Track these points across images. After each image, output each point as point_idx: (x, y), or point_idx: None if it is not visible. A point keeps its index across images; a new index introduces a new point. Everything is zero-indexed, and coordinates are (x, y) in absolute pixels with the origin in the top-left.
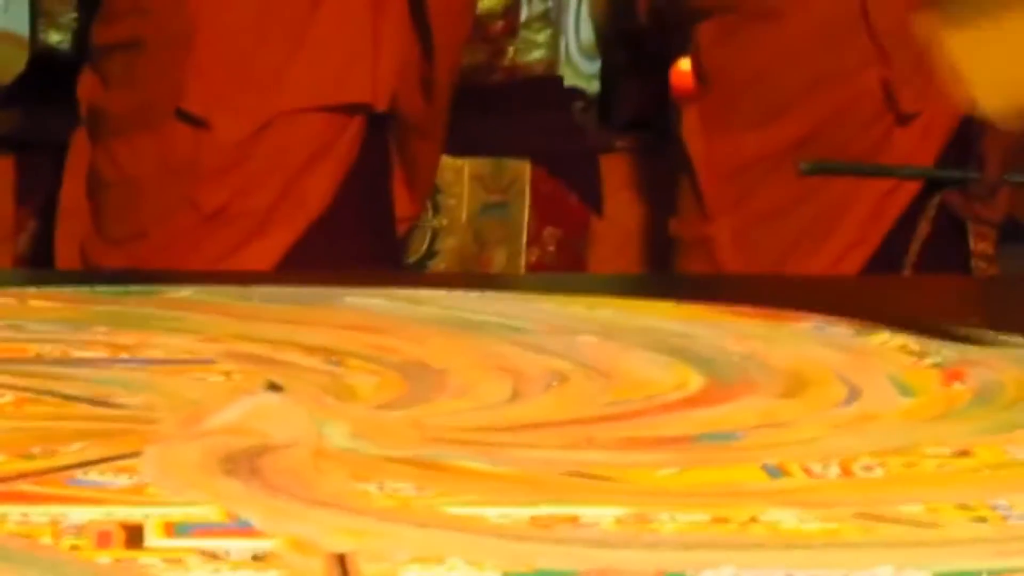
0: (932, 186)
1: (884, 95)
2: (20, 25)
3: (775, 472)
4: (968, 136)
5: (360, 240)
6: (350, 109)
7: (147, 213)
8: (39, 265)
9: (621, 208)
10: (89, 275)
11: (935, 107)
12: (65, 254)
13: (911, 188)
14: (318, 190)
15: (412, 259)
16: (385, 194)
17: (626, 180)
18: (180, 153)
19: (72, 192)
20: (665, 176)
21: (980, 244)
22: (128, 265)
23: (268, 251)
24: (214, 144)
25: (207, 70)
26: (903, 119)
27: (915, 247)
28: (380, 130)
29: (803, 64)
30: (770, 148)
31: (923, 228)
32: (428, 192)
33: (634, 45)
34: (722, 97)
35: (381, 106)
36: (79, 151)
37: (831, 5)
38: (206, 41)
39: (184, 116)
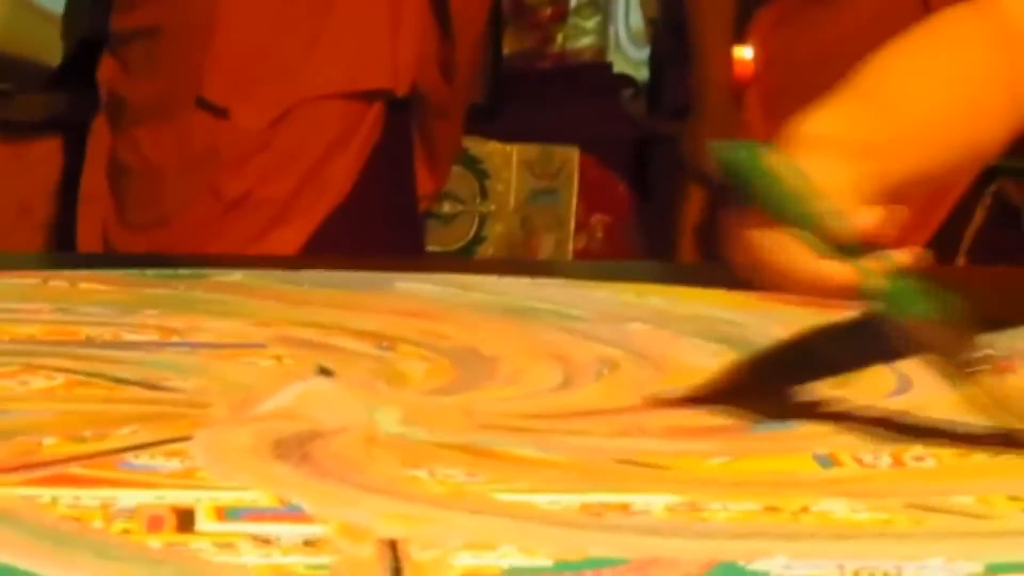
0: (989, 174)
1: None
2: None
3: (826, 462)
4: None
5: (382, 226)
6: (370, 95)
7: (169, 200)
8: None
9: (669, 195)
10: (138, 258)
11: None
12: (86, 240)
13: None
14: (339, 177)
15: (460, 244)
16: (407, 179)
17: (674, 167)
18: (201, 141)
19: (93, 178)
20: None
21: None
22: (150, 251)
23: (290, 238)
24: (235, 132)
25: (227, 58)
26: None
27: (970, 234)
28: (401, 114)
29: (864, 50)
30: None
31: (979, 216)
32: (448, 169)
33: (683, 32)
34: (782, 82)
35: (401, 91)
36: (99, 137)
37: None
38: (226, 29)
39: (204, 104)
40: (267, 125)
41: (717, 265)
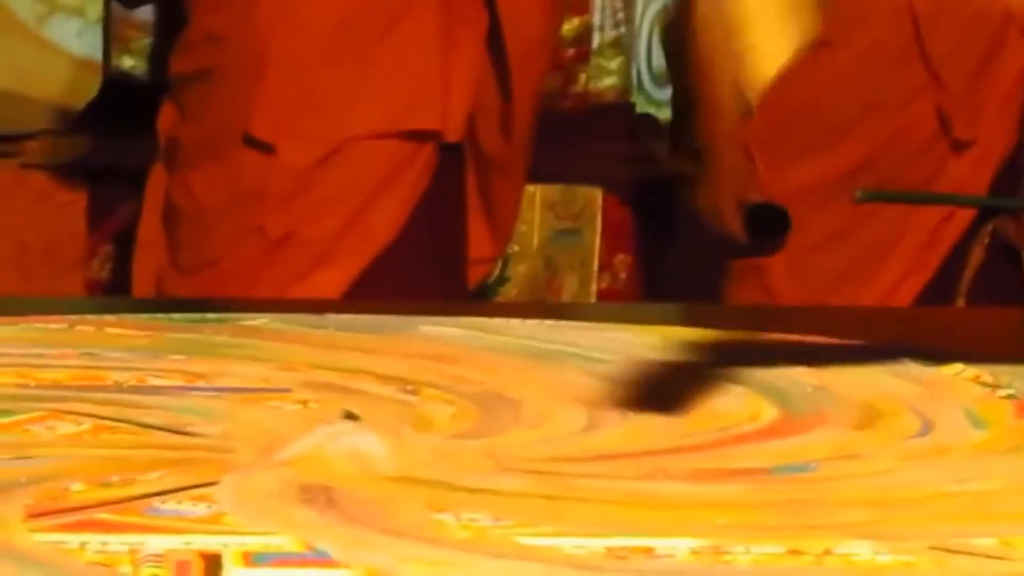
0: (985, 213)
1: (938, 122)
2: (93, 50)
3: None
4: (1022, 163)
5: (428, 272)
6: (420, 137)
7: (217, 241)
8: (115, 292)
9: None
10: (163, 303)
11: (989, 134)
12: (142, 287)
13: (965, 216)
14: (386, 219)
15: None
16: (456, 227)
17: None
18: (248, 180)
19: (150, 225)
20: None
21: None
22: (198, 293)
23: (334, 280)
24: (281, 170)
25: (275, 96)
26: (957, 146)
27: (969, 275)
28: (455, 163)
29: (856, 92)
30: (824, 176)
31: (976, 255)
32: (510, 234)
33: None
34: (774, 125)
35: (452, 136)
36: (156, 184)
37: (884, 32)
38: (275, 67)
39: (252, 142)
40: (314, 163)
41: (739, 307)
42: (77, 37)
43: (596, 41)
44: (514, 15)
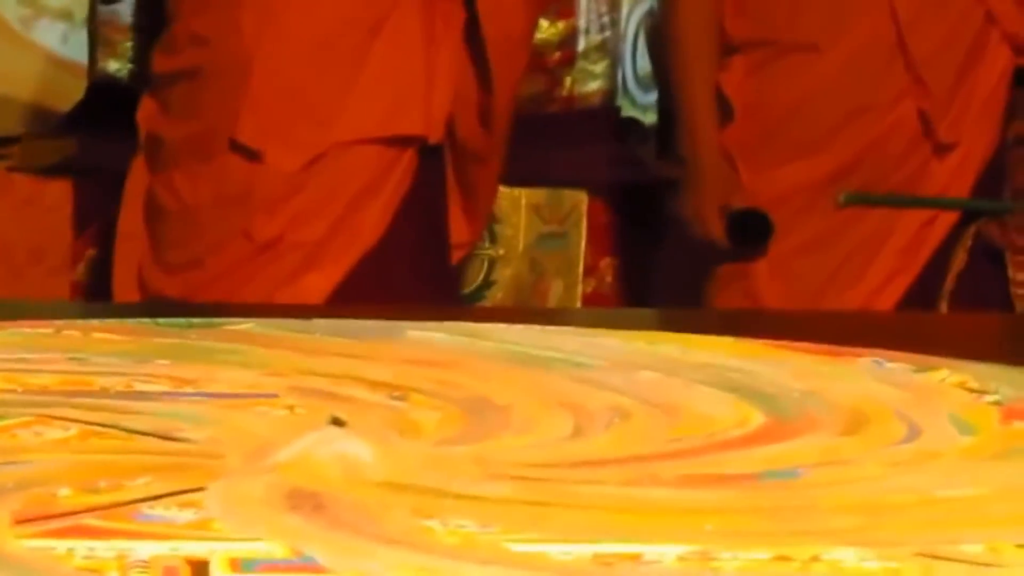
0: (969, 216)
1: (921, 126)
2: (79, 54)
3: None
4: (1004, 165)
5: (414, 272)
6: (403, 141)
7: (203, 242)
8: (98, 293)
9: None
10: (150, 308)
11: (972, 137)
12: (123, 278)
13: (949, 218)
14: (371, 222)
15: (468, 289)
16: (440, 226)
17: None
18: (235, 184)
19: (130, 217)
20: None
21: (1019, 274)
22: (183, 292)
23: (321, 282)
24: (268, 175)
25: (262, 102)
26: (940, 149)
27: (952, 277)
28: (435, 160)
29: (840, 96)
30: (807, 180)
31: (960, 258)
32: (485, 219)
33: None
34: (758, 130)
35: (434, 138)
36: (137, 176)
37: (868, 36)
38: (261, 72)
39: (238, 148)
40: (300, 168)
41: (726, 312)
42: (63, 40)
43: (581, 45)
44: (493, 11)
